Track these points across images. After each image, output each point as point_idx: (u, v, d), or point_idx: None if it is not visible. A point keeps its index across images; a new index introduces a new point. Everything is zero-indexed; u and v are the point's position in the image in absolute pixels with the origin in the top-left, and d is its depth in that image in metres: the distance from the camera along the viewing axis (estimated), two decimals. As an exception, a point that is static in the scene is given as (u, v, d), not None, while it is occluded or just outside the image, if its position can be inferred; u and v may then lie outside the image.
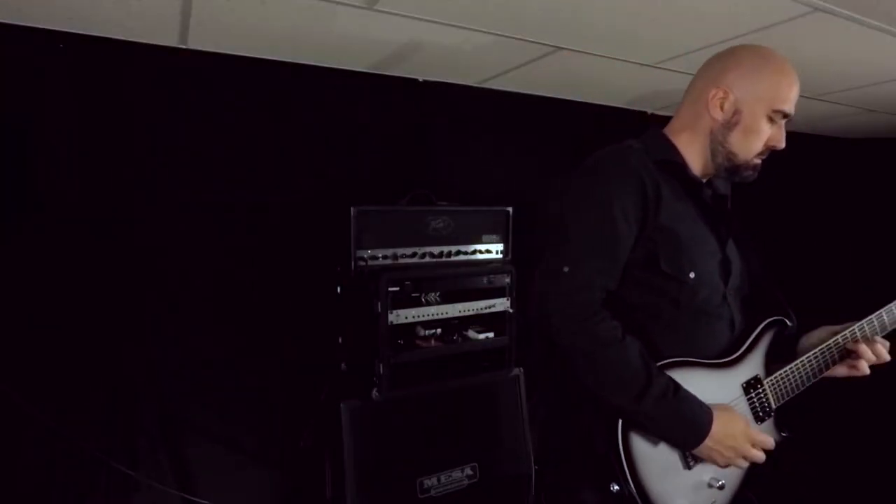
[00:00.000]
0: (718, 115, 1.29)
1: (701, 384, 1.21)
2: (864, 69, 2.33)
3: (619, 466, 1.14)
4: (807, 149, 3.87)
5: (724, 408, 1.22)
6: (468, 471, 2.23)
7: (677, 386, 1.17)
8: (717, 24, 1.85)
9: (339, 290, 2.23)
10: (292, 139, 2.38)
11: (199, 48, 2.09)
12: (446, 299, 2.24)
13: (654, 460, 1.17)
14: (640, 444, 1.17)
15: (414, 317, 2.17)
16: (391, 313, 2.12)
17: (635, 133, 1.43)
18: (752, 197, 3.30)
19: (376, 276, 2.11)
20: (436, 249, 2.27)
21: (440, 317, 2.22)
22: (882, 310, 1.43)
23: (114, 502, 2.05)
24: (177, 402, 2.18)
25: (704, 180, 1.39)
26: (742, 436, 1.20)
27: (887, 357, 1.39)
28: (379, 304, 2.09)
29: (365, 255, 2.13)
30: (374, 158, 2.54)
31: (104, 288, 2.05)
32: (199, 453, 2.22)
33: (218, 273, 2.21)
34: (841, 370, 1.40)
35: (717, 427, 1.17)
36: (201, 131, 2.19)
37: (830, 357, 1.38)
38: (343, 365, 2.21)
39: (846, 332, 1.39)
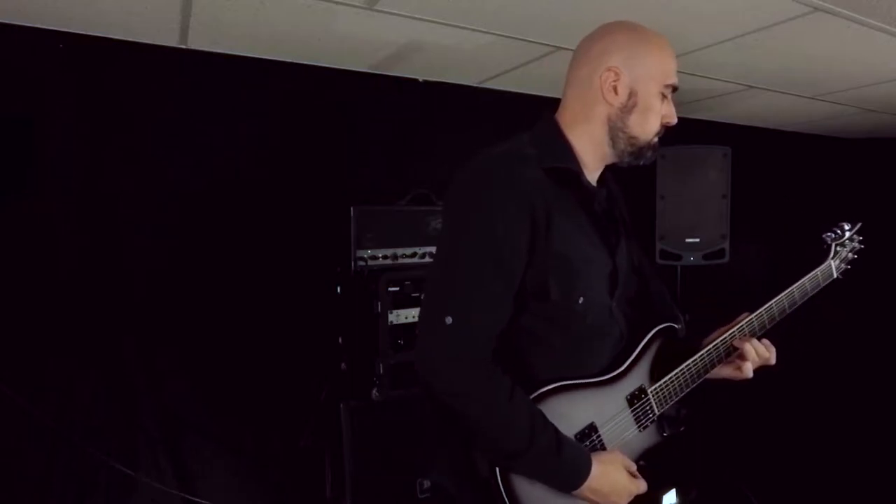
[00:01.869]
0: (614, 100, 1.19)
1: (584, 405, 1.18)
2: (864, 69, 2.33)
3: (498, 492, 1.11)
4: (807, 149, 3.88)
5: (608, 460, 1.17)
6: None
7: (560, 444, 1.11)
8: (717, 24, 1.85)
9: (339, 290, 2.24)
10: (292, 139, 2.38)
11: (199, 48, 2.09)
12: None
13: (535, 484, 1.14)
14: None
15: (414, 317, 2.17)
16: (391, 313, 2.13)
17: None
18: (753, 197, 3.31)
19: (376, 276, 2.11)
20: (436, 249, 2.26)
21: (440, 317, 2.22)
22: (768, 304, 1.36)
23: (114, 502, 2.05)
24: (177, 402, 2.18)
25: (599, 175, 1.29)
26: (625, 493, 1.17)
27: (772, 359, 1.33)
28: (379, 304, 2.09)
29: (365, 255, 2.13)
30: (374, 158, 2.54)
31: (104, 287, 2.06)
32: (199, 453, 2.22)
33: (218, 272, 2.21)
34: (725, 371, 1.34)
35: (599, 483, 1.13)
36: (201, 131, 2.18)
37: (717, 356, 1.32)
38: (343, 365, 2.21)
39: (735, 328, 1.33)
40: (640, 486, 1.20)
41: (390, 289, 2.12)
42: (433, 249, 2.25)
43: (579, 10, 1.74)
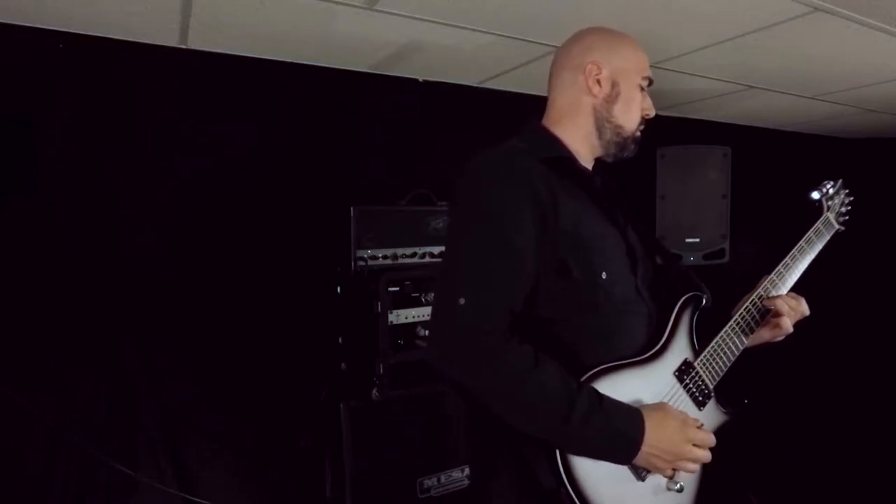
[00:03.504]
0: (599, 92, 1.26)
1: (632, 386, 1.13)
2: (864, 69, 2.33)
3: (570, 501, 1.04)
4: (807, 149, 3.88)
5: (657, 407, 1.12)
6: (468, 471, 2.23)
7: (601, 399, 1.07)
8: (717, 24, 1.85)
9: (339, 290, 2.24)
10: (292, 139, 2.38)
11: (199, 48, 2.09)
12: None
13: (605, 480, 1.07)
14: (585, 468, 1.07)
15: (414, 317, 2.18)
16: (391, 313, 2.13)
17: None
18: (753, 197, 3.31)
19: (376, 276, 2.11)
20: (436, 249, 2.27)
21: (440, 317, 2.22)
22: (783, 261, 1.41)
23: (114, 502, 2.05)
24: (177, 402, 2.18)
25: (591, 167, 1.32)
26: (680, 437, 1.10)
27: (806, 309, 1.34)
28: (379, 304, 2.09)
29: (365, 255, 2.13)
30: (374, 158, 2.54)
31: (104, 287, 2.05)
32: (199, 453, 2.21)
33: (217, 272, 2.21)
34: (765, 333, 1.34)
35: (651, 432, 1.07)
36: (201, 131, 2.18)
37: (752, 320, 1.32)
38: (343, 365, 2.21)
39: (759, 289, 1.35)
40: (703, 435, 1.13)
41: (390, 289, 2.12)
42: (433, 249, 2.27)
43: (579, 10, 1.74)
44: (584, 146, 1.29)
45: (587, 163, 1.31)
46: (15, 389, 1.87)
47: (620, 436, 1.07)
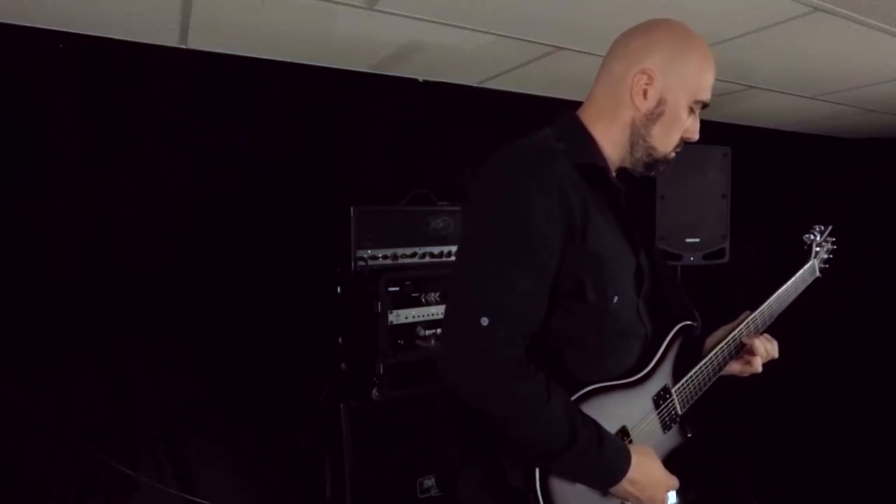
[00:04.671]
0: (642, 105, 1.14)
1: (615, 408, 1.16)
2: (864, 69, 2.33)
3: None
4: (807, 149, 3.88)
5: (644, 452, 1.15)
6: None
7: (601, 439, 1.07)
8: (717, 24, 1.85)
9: (339, 290, 2.24)
10: (292, 139, 2.38)
11: (199, 48, 2.09)
12: (447, 299, 2.24)
13: (574, 493, 1.10)
14: (558, 480, 1.09)
15: (414, 317, 2.18)
16: (391, 313, 2.13)
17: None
18: (753, 196, 3.31)
19: (376, 277, 2.11)
20: (436, 249, 2.27)
21: (440, 316, 2.23)
22: (767, 301, 1.44)
23: (114, 502, 2.05)
24: (177, 402, 2.18)
25: (615, 172, 1.25)
26: (662, 485, 1.14)
27: (776, 354, 1.38)
28: (379, 304, 2.09)
29: (365, 255, 2.14)
30: (374, 158, 2.54)
31: (104, 287, 2.05)
32: (199, 453, 2.22)
33: (217, 272, 2.21)
34: (735, 367, 1.37)
35: (638, 474, 1.09)
36: (201, 131, 2.19)
37: (728, 353, 1.35)
38: (343, 365, 2.21)
39: (741, 325, 1.37)
40: (675, 481, 1.17)
41: (390, 289, 2.12)
42: (433, 249, 2.27)
43: (579, 10, 1.74)
44: (615, 152, 1.21)
45: (614, 171, 1.24)
46: (15, 389, 1.87)
47: (605, 473, 1.09)
